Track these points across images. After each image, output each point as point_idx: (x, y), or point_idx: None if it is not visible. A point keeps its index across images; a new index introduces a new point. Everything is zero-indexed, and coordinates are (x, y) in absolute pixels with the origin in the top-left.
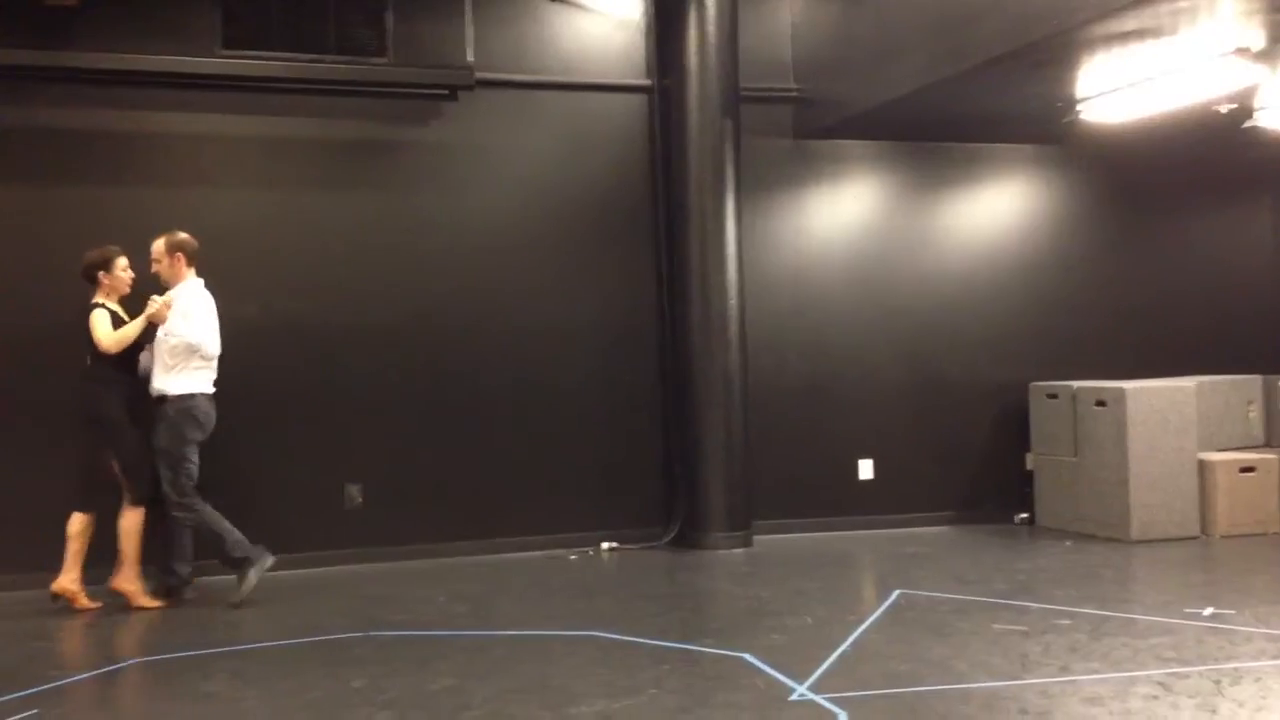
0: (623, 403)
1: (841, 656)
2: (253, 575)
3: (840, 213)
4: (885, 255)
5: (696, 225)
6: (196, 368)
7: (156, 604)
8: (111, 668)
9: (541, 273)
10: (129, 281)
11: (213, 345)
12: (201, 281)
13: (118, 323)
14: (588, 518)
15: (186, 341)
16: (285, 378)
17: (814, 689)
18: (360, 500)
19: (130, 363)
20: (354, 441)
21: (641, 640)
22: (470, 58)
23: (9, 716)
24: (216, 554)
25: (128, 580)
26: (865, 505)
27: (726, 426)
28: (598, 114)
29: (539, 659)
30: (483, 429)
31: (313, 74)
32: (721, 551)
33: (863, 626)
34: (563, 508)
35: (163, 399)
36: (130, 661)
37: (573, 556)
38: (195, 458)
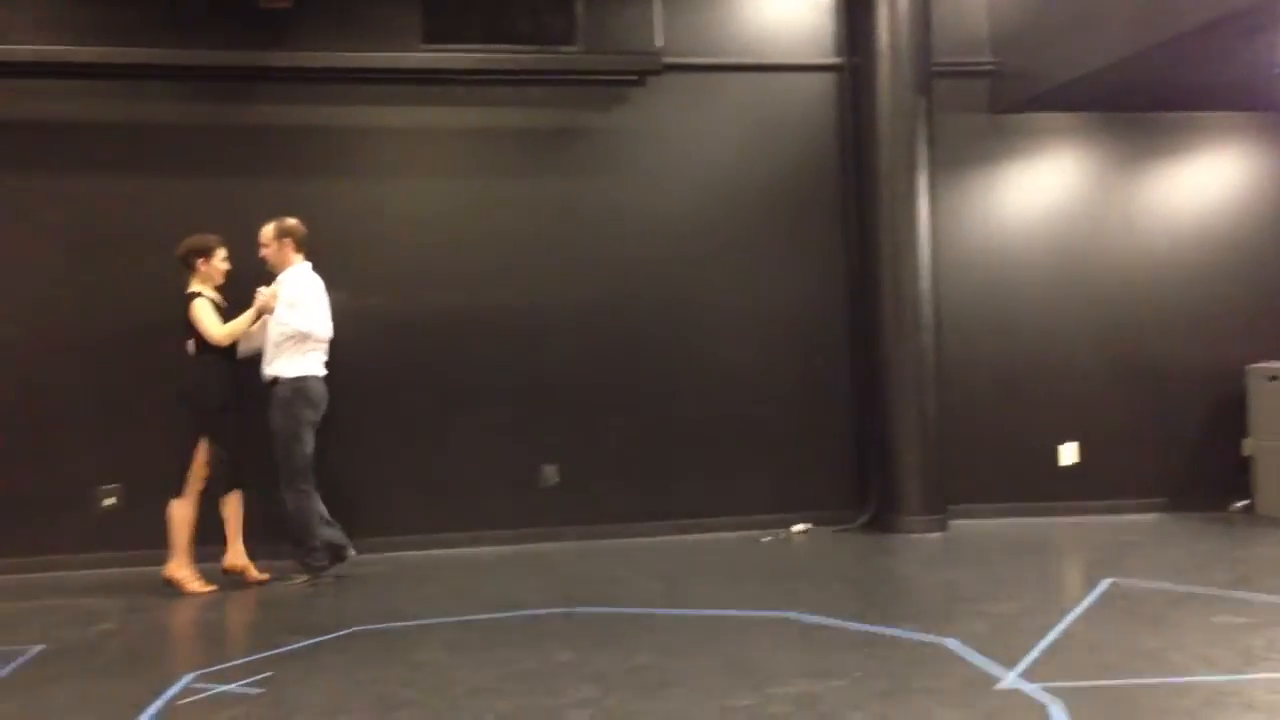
0: (814, 385)
1: (1050, 645)
2: (299, 580)
3: (1038, 189)
4: (1086, 232)
5: (887, 206)
6: (308, 351)
7: (209, 589)
8: (330, 635)
9: (731, 256)
10: (224, 272)
11: (323, 330)
12: (309, 266)
13: (217, 310)
14: (779, 500)
15: (297, 329)
16: (484, 362)
17: (1022, 677)
18: (556, 480)
19: (232, 349)
20: (550, 423)
21: (840, 623)
22: (659, 43)
23: (245, 678)
24: (293, 540)
25: (177, 568)
26: (1067, 491)
27: (920, 409)
28: (785, 95)
29: (737, 639)
30: (674, 411)
31: (507, 64)
32: (916, 535)
33: (1072, 615)
34: (754, 490)
35: (275, 381)
36: (347, 630)
37: (764, 539)
38: (310, 440)
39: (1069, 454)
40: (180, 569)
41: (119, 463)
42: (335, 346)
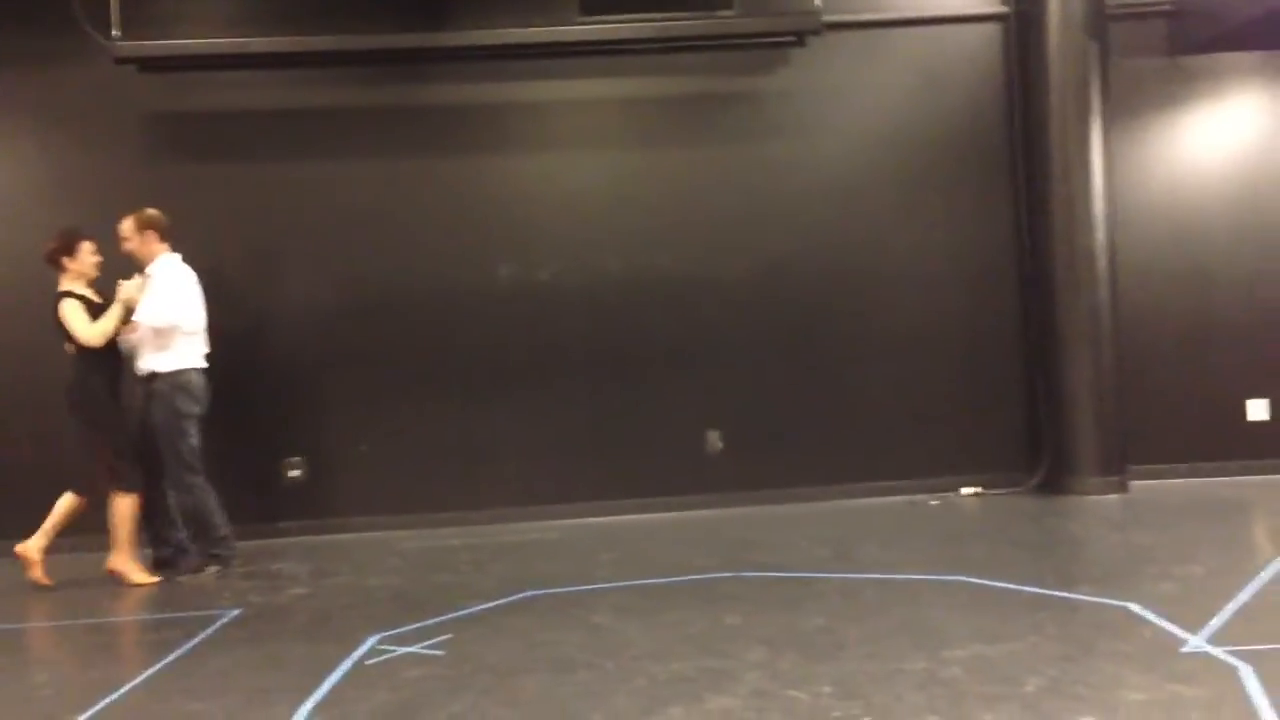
0: (982, 343)
1: (1240, 608)
2: (210, 572)
3: (1223, 133)
4: (1276, 178)
5: (1059, 156)
6: (184, 342)
7: (153, 580)
8: (506, 600)
9: (894, 214)
10: (96, 265)
11: (191, 321)
12: (178, 256)
13: (90, 306)
14: (947, 462)
15: (165, 322)
16: (648, 329)
17: (1210, 640)
18: (721, 445)
19: (112, 346)
20: (714, 388)
21: (1015, 586)
22: (817, 1)
23: (427, 640)
24: (195, 535)
25: (121, 561)
26: (1258, 449)
27: (1096, 366)
28: (949, 47)
29: (908, 602)
30: (838, 373)
31: (664, 33)
32: (1093, 497)
33: (1263, 577)
34: (921, 452)
35: (153, 376)
36: (523, 594)
37: (933, 501)
38: (193, 433)
39: (1258, 410)
40: (122, 561)
41: (303, 436)
42: (513, 318)
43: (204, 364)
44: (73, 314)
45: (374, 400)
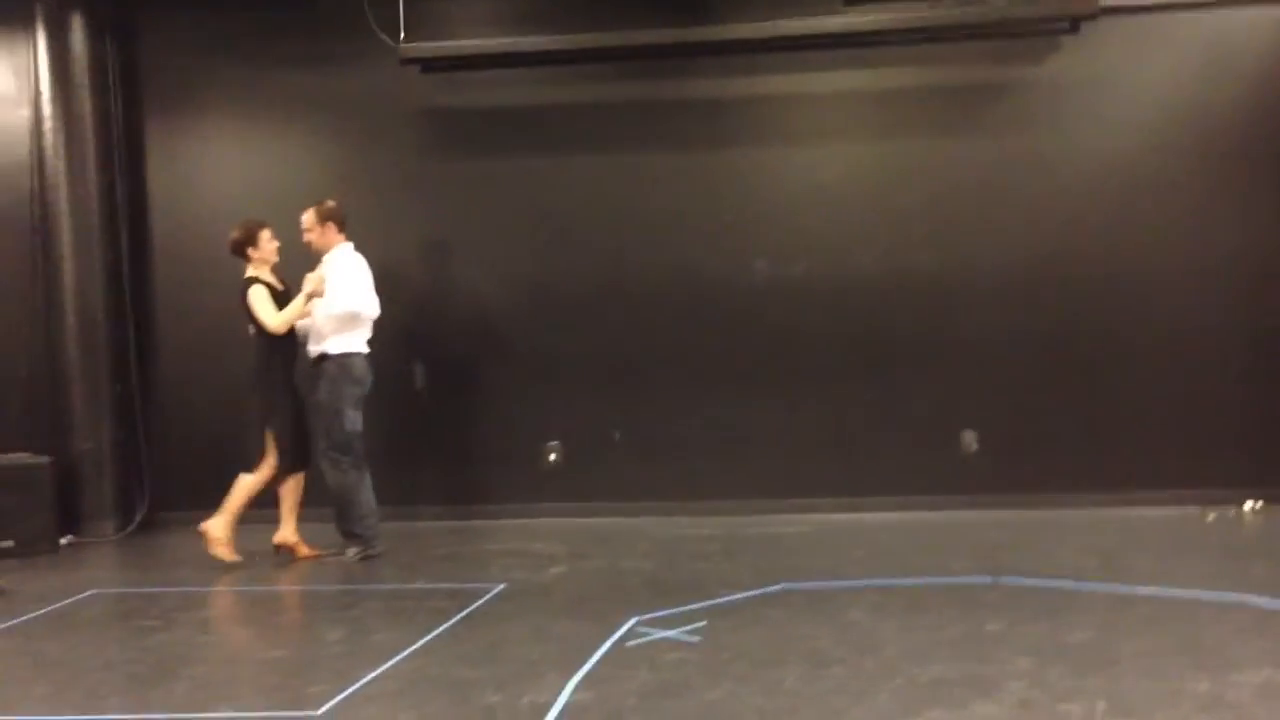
0: (1266, 347)
1: None
2: (351, 554)
3: None
4: None
5: None
6: (355, 329)
7: (321, 553)
8: (759, 591)
9: (1172, 209)
10: (275, 251)
11: (370, 309)
12: (352, 246)
13: (273, 293)
14: (1225, 473)
15: (346, 309)
16: (903, 325)
17: None
18: (976, 446)
19: (291, 332)
20: (970, 387)
21: None
22: None
23: (684, 625)
24: (336, 515)
25: (286, 534)
26: None
27: None
28: (1237, 32)
29: (1185, 620)
30: (1104, 375)
31: (929, 22)
32: None
33: None
34: (1196, 461)
35: (323, 358)
36: (777, 587)
37: (1211, 515)
38: (355, 415)
39: None
40: (221, 529)
41: (561, 421)
42: (766, 312)
43: (368, 349)
44: (260, 301)
45: (629, 389)
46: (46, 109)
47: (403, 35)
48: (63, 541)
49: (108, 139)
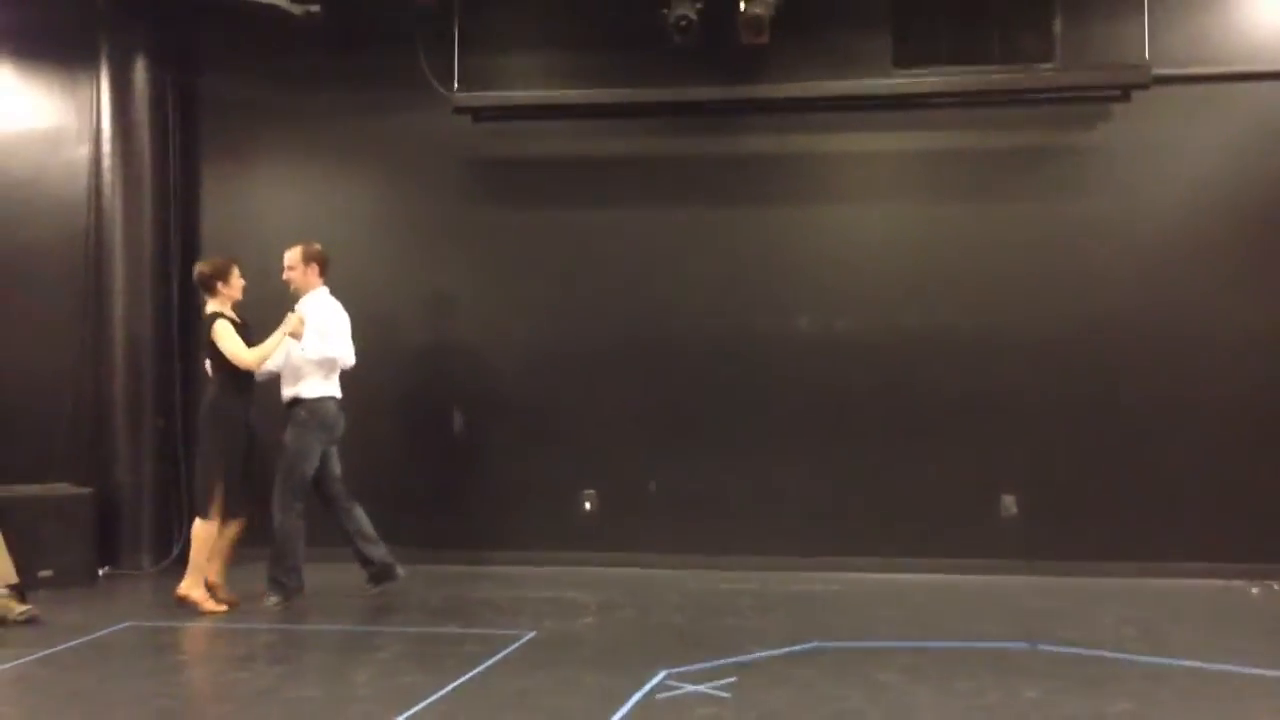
0: None
1: None
2: (273, 602)
3: None
4: None
5: None
6: (329, 374)
7: (221, 608)
8: (790, 649)
9: (1219, 278)
10: (242, 289)
11: (349, 357)
12: (327, 290)
13: (237, 328)
14: (1270, 547)
15: (325, 355)
16: (942, 386)
17: None
18: (1014, 510)
19: (250, 372)
20: (1009, 451)
21: None
22: (1146, 55)
23: (713, 680)
24: (269, 559)
25: (190, 586)
26: None
27: None
28: None
29: (1227, 696)
30: (1146, 442)
31: (980, 85)
32: None
33: None
34: (1240, 533)
35: (296, 402)
36: (807, 645)
37: (1254, 589)
38: (315, 463)
39: None
40: (194, 588)
41: (597, 471)
42: (806, 368)
43: (339, 394)
44: (229, 336)
45: (665, 440)
46: (106, 146)
47: (456, 85)
48: (100, 573)
49: (165, 177)
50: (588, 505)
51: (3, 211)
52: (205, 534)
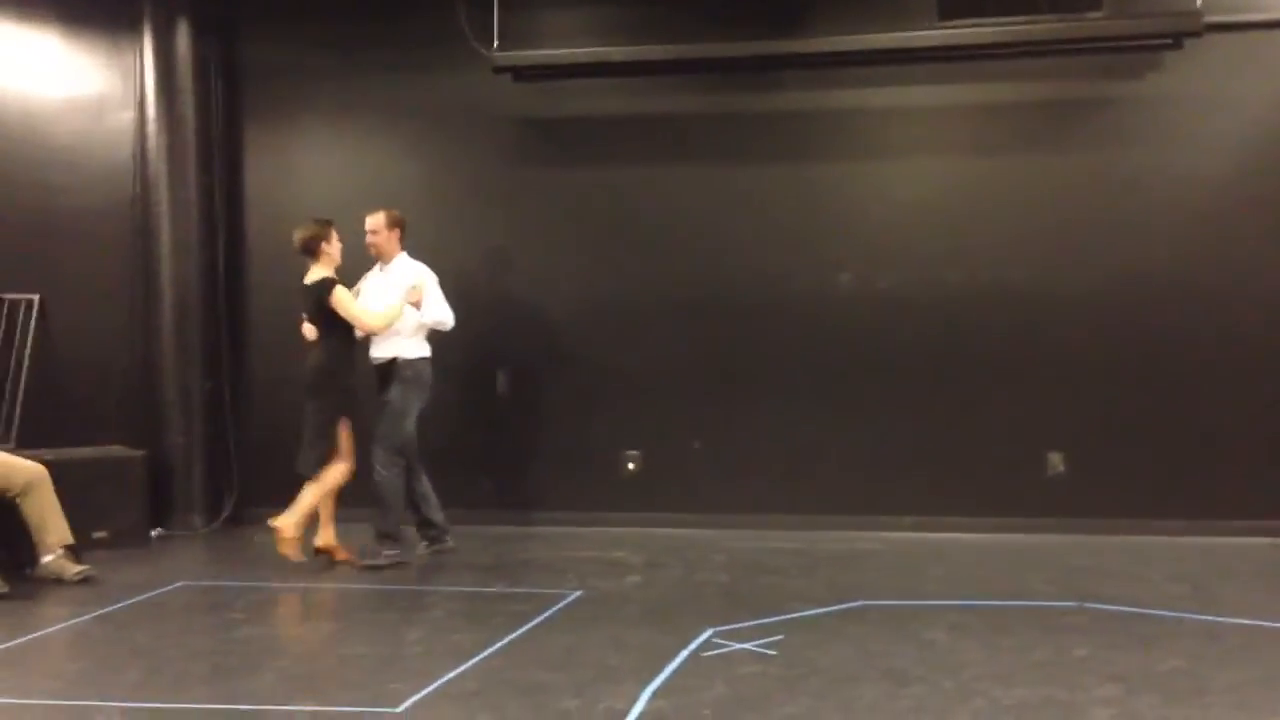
0: None
1: None
2: (383, 559)
3: None
4: None
5: None
6: (423, 336)
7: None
8: (836, 607)
9: (1272, 230)
10: (340, 250)
11: (451, 319)
12: (407, 254)
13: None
14: None
15: (438, 321)
16: (989, 343)
17: None
18: (1062, 468)
19: (351, 333)
20: (1056, 408)
21: None
22: (1198, 2)
23: (760, 638)
24: (373, 517)
25: (290, 527)
26: None
27: None
28: None
29: (1277, 652)
30: (1195, 399)
31: (1027, 36)
32: None
33: None
34: None
35: (397, 362)
36: (854, 603)
37: None
38: (414, 420)
39: None
40: (292, 528)
41: (641, 431)
42: (850, 326)
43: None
44: (350, 300)
45: (709, 399)
46: (150, 111)
47: (496, 44)
48: (153, 534)
49: (208, 142)
50: (631, 465)
51: (49, 178)
52: (319, 487)
